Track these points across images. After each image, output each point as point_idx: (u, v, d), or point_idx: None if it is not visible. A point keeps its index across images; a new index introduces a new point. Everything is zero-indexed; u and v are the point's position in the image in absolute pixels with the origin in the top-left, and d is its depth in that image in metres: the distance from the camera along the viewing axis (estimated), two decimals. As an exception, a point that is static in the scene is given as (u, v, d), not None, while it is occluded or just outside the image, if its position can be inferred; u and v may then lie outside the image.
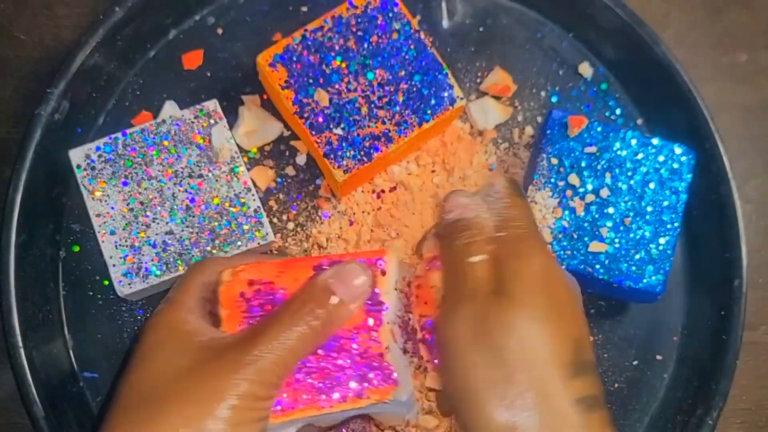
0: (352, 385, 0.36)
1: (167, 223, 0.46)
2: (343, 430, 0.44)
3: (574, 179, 0.47)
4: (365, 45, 0.46)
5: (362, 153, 0.45)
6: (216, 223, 0.46)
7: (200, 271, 0.40)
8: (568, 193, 0.47)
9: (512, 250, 0.37)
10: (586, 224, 0.47)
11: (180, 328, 0.36)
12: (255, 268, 0.39)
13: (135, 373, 0.35)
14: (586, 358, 0.35)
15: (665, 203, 0.47)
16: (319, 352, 0.37)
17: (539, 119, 0.53)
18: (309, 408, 0.36)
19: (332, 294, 0.36)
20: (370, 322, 0.37)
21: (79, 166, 0.46)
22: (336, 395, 0.36)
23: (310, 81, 0.46)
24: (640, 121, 0.53)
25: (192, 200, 0.46)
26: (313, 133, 0.45)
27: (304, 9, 0.52)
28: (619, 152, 0.48)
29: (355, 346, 0.37)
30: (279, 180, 0.50)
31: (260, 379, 0.33)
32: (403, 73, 0.46)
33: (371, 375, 0.37)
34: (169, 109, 0.50)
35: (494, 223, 0.39)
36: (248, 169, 0.49)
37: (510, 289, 0.35)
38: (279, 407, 0.36)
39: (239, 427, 0.33)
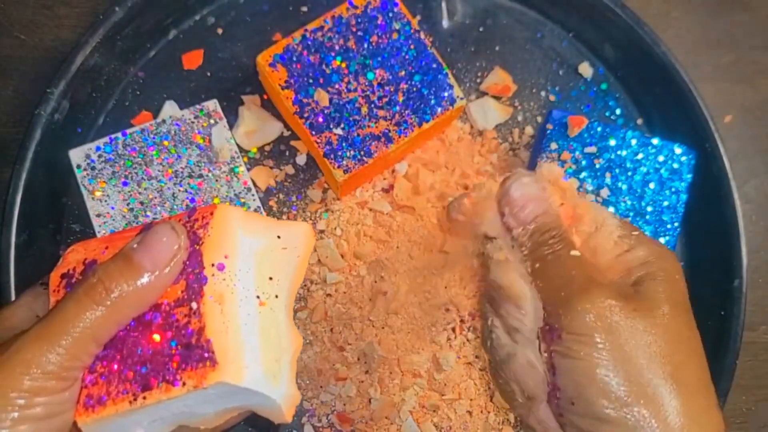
0: (166, 369, 0.30)
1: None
2: None
3: (574, 179, 0.47)
4: (365, 45, 0.46)
5: (362, 153, 0.45)
6: (216, 223, 0.46)
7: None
8: (568, 193, 0.47)
9: (649, 248, 0.36)
10: (586, 224, 0.47)
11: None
12: (83, 246, 0.34)
13: None
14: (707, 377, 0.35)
15: (665, 203, 0.47)
16: (131, 333, 0.31)
17: (539, 119, 0.53)
18: (120, 401, 0.30)
19: (133, 264, 0.31)
20: (191, 292, 0.31)
21: (79, 166, 0.46)
22: (152, 383, 0.30)
23: (310, 81, 0.46)
24: (640, 121, 0.53)
25: (192, 200, 0.46)
26: (313, 133, 0.45)
27: (304, 9, 0.52)
28: (619, 152, 0.48)
29: (172, 322, 0.31)
30: (278, 180, 0.50)
31: (37, 377, 0.29)
32: (403, 73, 0.46)
33: (188, 356, 0.30)
34: (169, 109, 0.50)
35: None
36: (248, 169, 0.49)
37: (652, 290, 0.34)
38: (84, 404, 0.31)
39: (19, 426, 0.28)
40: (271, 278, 0.34)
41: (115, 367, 0.31)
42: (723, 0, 0.57)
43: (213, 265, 0.32)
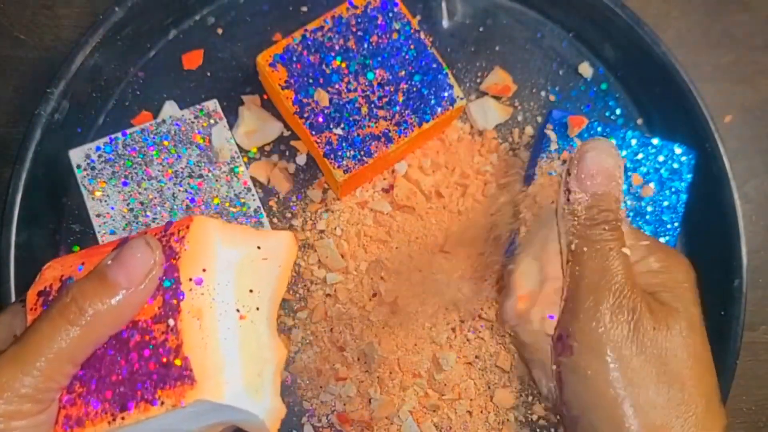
0: (144, 388, 0.30)
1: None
2: None
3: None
4: (365, 45, 0.46)
5: (362, 153, 0.45)
6: (216, 223, 0.46)
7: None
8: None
9: (664, 254, 0.34)
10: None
11: None
12: (59, 262, 0.33)
13: None
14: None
15: (665, 203, 0.47)
16: (108, 351, 0.30)
17: (539, 119, 0.53)
18: (99, 422, 0.30)
19: (107, 282, 0.30)
20: (168, 308, 0.30)
21: (79, 166, 0.46)
22: (130, 403, 0.30)
23: (310, 81, 0.46)
24: (640, 121, 0.53)
25: (192, 200, 0.46)
26: (313, 133, 0.45)
27: (304, 9, 0.52)
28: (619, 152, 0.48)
29: (149, 339, 0.30)
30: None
31: (12, 400, 0.28)
32: (403, 73, 0.46)
33: (166, 374, 0.29)
34: (169, 109, 0.50)
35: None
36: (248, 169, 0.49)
37: (679, 299, 0.33)
38: (62, 425, 0.30)
39: None
40: (251, 290, 0.33)
41: (93, 386, 0.30)
42: (723, 0, 0.57)
43: (190, 279, 0.31)
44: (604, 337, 0.31)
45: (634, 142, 0.48)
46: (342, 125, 0.45)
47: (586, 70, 0.53)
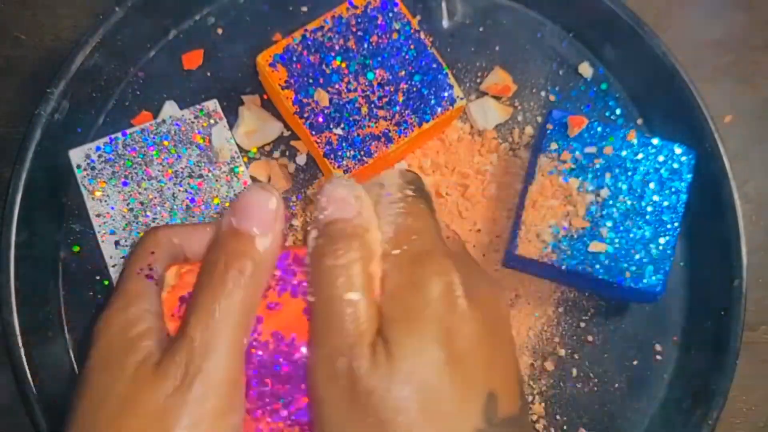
0: None
1: (167, 223, 0.46)
2: None
3: (573, 179, 0.47)
4: (365, 45, 0.46)
5: (362, 153, 0.45)
6: (216, 223, 0.46)
7: (151, 248, 0.31)
8: (568, 193, 0.47)
9: (406, 277, 0.28)
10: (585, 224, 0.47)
11: (122, 340, 0.29)
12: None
13: (79, 408, 0.28)
14: (504, 413, 0.27)
15: (665, 203, 0.47)
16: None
17: (539, 119, 0.53)
18: None
19: (240, 234, 0.29)
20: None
21: (79, 166, 0.46)
22: None
23: (310, 81, 0.46)
24: (640, 121, 0.53)
25: (192, 200, 0.47)
26: (313, 133, 0.45)
27: (304, 9, 0.52)
28: (619, 152, 0.48)
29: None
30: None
31: (209, 398, 0.27)
32: (403, 73, 0.46)
33: None
34: (169, 109, 0.50)
35: (386, 234, 0.30)
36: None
37: (397, 339, 0.27)
38: None
39: None
40: None
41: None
42: (723, 0, 0.57)
43: None
44: (323, 394, 0.27)
45: (634, 142, 0.48)
46: (342, 125, 0.45)
47: (586, 70, 0.53)
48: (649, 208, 0.47)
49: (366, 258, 0.29)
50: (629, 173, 0.47)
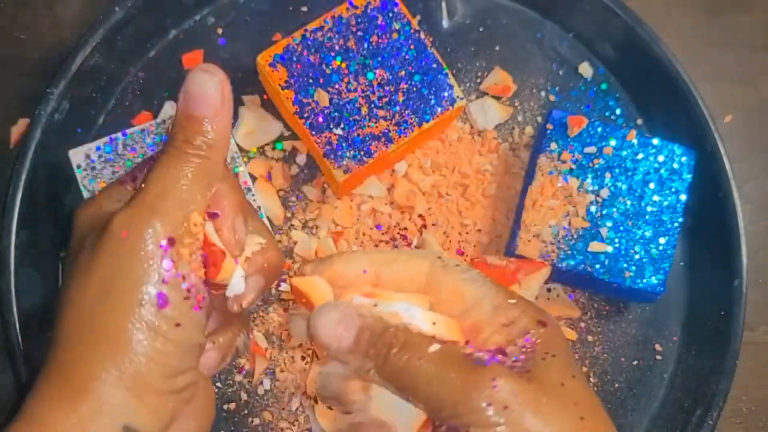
0: None
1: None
2: None
3: (573, 179, 0.47)
4: (365, 45, 0.46)
5: (362, 153, 0.45)
6: (216, 223, 0.46)
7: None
8: (568, 193, 0.47)
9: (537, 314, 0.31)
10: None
11: (95, 223, 0.32)
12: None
13: (65, 293, 0.32)
14: None
15: (665, 203, 0.47)
16: None
17: (539, 119, 0.53)
18: None
19: (195, 118, 0.32)
20: None
21: (79, 166, 0.46)
22: None
23: (310, 81, 0.46)
24: (640, 121, 0.53)
25: (192, 200, 0.46)
26: (313, 133, 0.45)
27: (304, 9, 0.52)
28: (619, 152, 0.48)
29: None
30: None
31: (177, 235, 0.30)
32: (403, 73, 0.46)
33: None
34: (169, 109, 0.50)
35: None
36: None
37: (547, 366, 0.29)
38: None
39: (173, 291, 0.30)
40: None
41: None
42: (723, 0, 0.57)
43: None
44: (497, 413, 0.28)
45: (634, 142, 0.48)
46: (342, 125, 0.45)
47: (586, 70, 0.53)
48: (649, 208, 0.47)
49: (414, 337, 0.30)
50: (629, 173, 0.47)
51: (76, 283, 0.31)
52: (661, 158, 0.48)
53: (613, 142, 0.48)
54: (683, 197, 0.47)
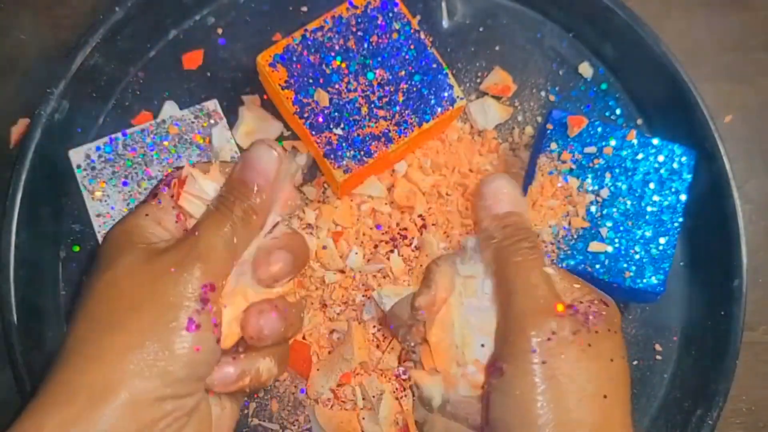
0: None
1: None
2: None
3: (573, 179, 0.47)
4: (365, 45, 0.46)
5: (362, 153, 0.45)
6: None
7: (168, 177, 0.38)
8: (568, 193, 0.47)
9: (596, 298, 0.35)
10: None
11: (131, 237, 0.35)
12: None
13: (89, 290, 0.34)
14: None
15: (665, 203, 0.47)
16: None
17: (539, 119, 0.53)
18: None
19: (246, 184, 0.36)
20: None
21: (79, 166, 0.46)
22: None
23: (310, 81, 0.46)
24: (640, 121, 0.53)
25: (192, 200, 0.46)
26: (313, 133, 0.45)
27: (304, 9, 0.52)
28: (619, 152, 0.48)
29: None
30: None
31: (202, 270, 0.33)
32: (403, 73, 0.46)
33: None
34: (169, 109, 0.50)
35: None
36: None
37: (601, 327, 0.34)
38: None
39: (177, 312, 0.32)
40: None
41: None
42: (723, 0, 0.57)
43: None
44: (532, 359, 0.32)
45: (634, 142, 0.48)
46: (342, 125, 0.45)
47: (586, 70, 0.53)
48: (649, 208, 0.47)
49: (541, 252, 0.36)
50: (629, 173, 0.47)
51: (106, 287, 0.33)
52: (661, 158, 0.48)
53: (613, 142, 0.48)
54: (683, 197, 0.47)
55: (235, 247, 0.35)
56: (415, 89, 0.46)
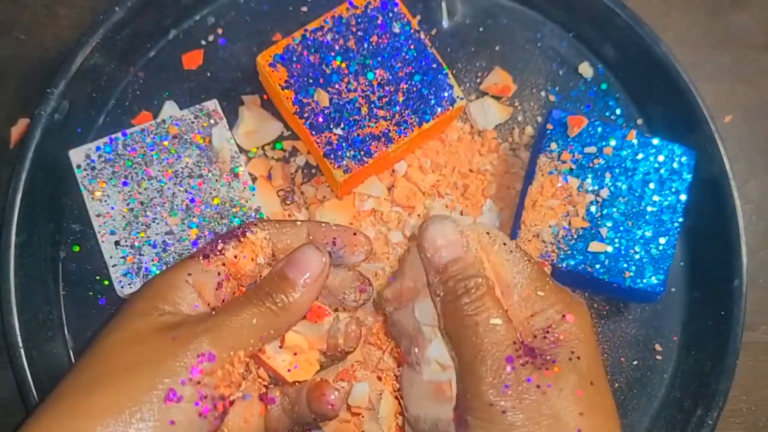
0: None
1: (167, 223, 0.46)
2: None
3: (573, 179, 0.47)
4: (365, 45, 0.46)
5: (362, 153, 0.45)
6: (216, 223, 0.46)
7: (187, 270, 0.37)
8: (568, 193, 0.47)
9: (562, 305, 0.35)
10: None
11: (160, 303, 0.35)
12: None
13: (95, 341, 0.34)
14: None
15: (665, 203, 0.47)
16: None
17: (539, 119, 0.53)
18: None
19: (286, 279, 0.35)
20: None
21: (79, 166, 0.46)
22: None
23: (310, 81, 0.46)
24: (640, 121, 0.53)
25: (192, 200, 0.46)
26: (313, 133, 0.45)
27: (304, 9, 0.52)
28: (619, 152, 0.48)
29: None
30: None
31: (215, 350, 0.32)
32: (403, 73, 0.46)
33: None
34: (169, 109, 0.50)
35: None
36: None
37: (574, 353, 0.33)
38: None
39: (188, 404, 0.31)
40: None
41: None
42: (723, 0, 0.57)
43: None
44: (493, 410, 0.32)
45: (634, 142, 0.48)
46: (342, 125, 0.45)
47: (586, 70, 0.53)
48: (649, 208, 0.47)
49: (490, 292, 0.34)
50: (629, 173, 0.47)
51: (110, 345, 0.33)
52: (661, 158, 0.48)
53: (613, 142, 0.48)
54: (683, 197, 0.47)
55: (256, 334, 0.34)
56: (415, 89, 0.46)
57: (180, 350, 0.32)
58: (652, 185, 0.47)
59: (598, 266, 0.46)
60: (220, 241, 0.37)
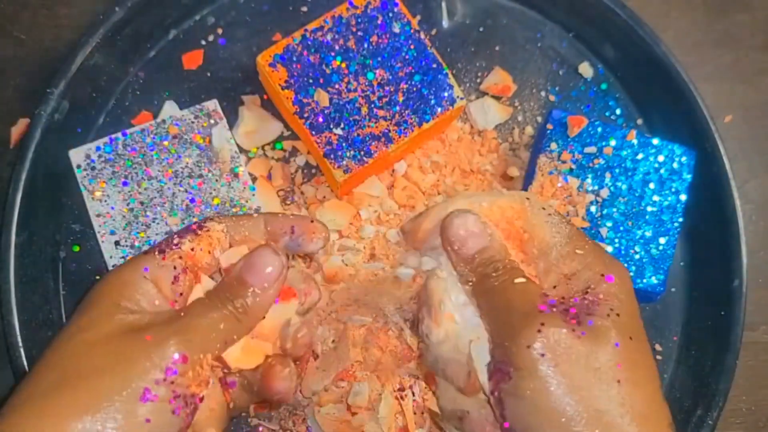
0: None
1: (167, 223, 0.46)
2: None
3: (573, 179, 0.47)
4: (365, 45, 0.46)
5: (362, 153, 0.45)
6: (216, 223, 0.46)
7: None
8: (568, 193, 0.47)
9: (602, 266, 0.34)
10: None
11: (117, 299, 0.34)
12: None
13: (56, 343, 0.34)
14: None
15: (665, 203, 0.47)
16: None
17: (539, 119, 0.53)
18: None
19: (245, 284, 0.36)
20: None
21: (79, 166, 0.46)
22: None
23: (310, 81, 0.46)
24: (640, 121, 0.53)
25: (192, 200, 0.47)
26: (313, 133, 0.45)
27: (304, 9, 0.52)
28: (619, 152, 0.48)
29: None
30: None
31: (180, 351, 0.32)
32: (403, 73, 0.46)
33: None
34: (169, 109, 0.50)
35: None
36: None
37: (614, 311, 0.33)
38: None
39: (156, 404, 0.31)
40: None
41: None
42: (723, 0, 0.57)
43: None
44: (534, 358, 0.32)
45: (634, 142, 0.48)
46: (342, 125, 0.45)
47: (586, 70, 0.53)
48: (649, 208, 0.47)
49: (514, 266, 0.35)
50: (629, 173, 0.47)
51: (73, 346, 0.33)
52: (661, 158, 0.48)
53: (613, 142, 0.48)
54: (683, 197, 0.47)
55: (221, 339, 0.34)
56: (415, 89, 0.46)
57: (154, 352, 0.32)
58: (652, 185, 0.47)
59: (598, 266, 0.46)
60: (176, 236, 0.37)
